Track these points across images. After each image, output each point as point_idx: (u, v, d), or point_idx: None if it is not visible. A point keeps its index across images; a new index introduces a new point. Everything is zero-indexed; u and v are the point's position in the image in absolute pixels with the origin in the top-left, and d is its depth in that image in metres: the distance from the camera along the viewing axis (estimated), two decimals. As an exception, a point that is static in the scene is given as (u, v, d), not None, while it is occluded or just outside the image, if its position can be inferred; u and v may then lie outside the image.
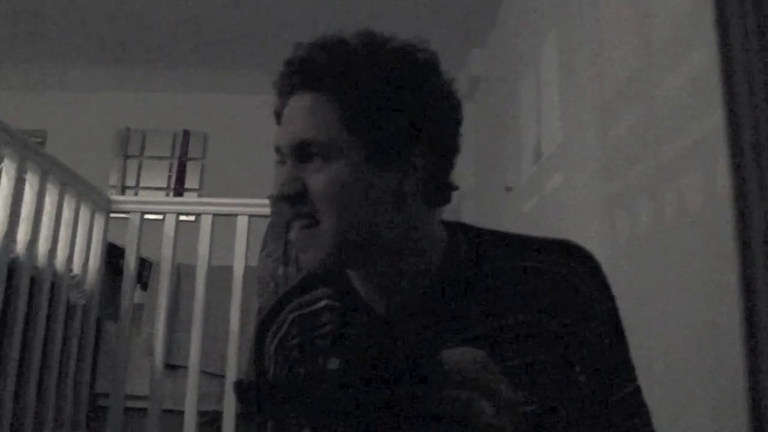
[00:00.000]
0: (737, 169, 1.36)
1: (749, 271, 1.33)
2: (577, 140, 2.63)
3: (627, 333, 0.93)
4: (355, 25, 0.93)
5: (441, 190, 0.94)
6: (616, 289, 0.94)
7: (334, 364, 0.68)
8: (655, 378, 1.71)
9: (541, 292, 0.90)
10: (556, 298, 0.89)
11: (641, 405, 0.91)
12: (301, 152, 0.88)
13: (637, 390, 0.92)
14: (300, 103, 0.89)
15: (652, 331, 1.80)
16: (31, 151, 2.51)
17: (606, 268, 0.94)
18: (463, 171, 0.96)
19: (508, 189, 3.64)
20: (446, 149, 0.93)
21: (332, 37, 0.91)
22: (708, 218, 1.55)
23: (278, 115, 0.94)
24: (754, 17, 1.33)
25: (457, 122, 0.95)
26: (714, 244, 1.49)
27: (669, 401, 1.67)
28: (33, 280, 2.54)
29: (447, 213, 0.98)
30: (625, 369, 0.92)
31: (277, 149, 0.92)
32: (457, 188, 0.94)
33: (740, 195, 1.36)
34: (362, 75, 0.87)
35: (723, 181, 1.41)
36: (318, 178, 0.87)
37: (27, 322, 2.49)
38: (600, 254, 0.95)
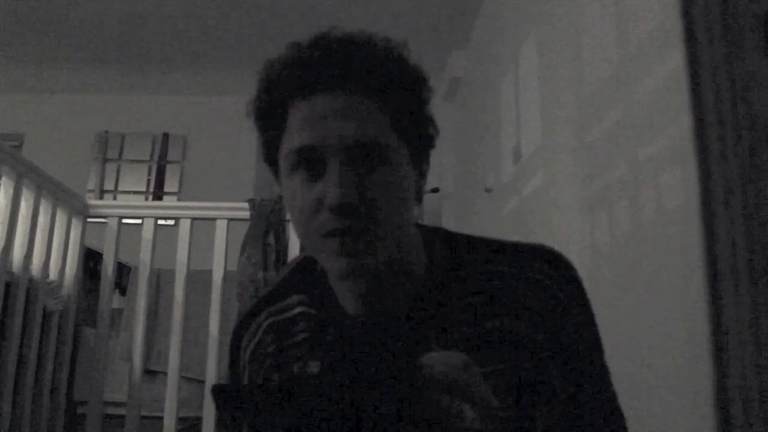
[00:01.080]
0: (704, 170, 1.38)
1: (714, 270, 1.35)
2: (556, 141, 2.63)
3: (605, 335, 0.93)
4: (334, 27, 0.90)
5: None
6: (594, 290, 0.94)
7: (314, 368, 0.67)
8: (632, 377, 1.72)
9: (518, 298, 0.90)
10: (532, 305, 0.89)
11: (616, 410, 0.92)
12: (355, 155, 0.82)
13: (613, 396, 0.92)
14: (339, 102, 0.83)
15: (629, 332, 1.81)
16: (5, 154, 2.48)
17: (584, 270, 0.94)
18: (444, 173, 0.95)
19: (488, 190, 3.65)
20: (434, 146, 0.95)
21: (358, 36, 0.87)
22: (684, 217, 1.55)
23: (270, 112, 0.88)
24: (720, 20, 1.34)
25: None
26: (690, 243, 1.50)
27: (642, 399, 1.67)
28: (8, 286, 2.51)
29: (428, 214, 0.98)
30: (601, 375, 0.92)
31: (310, 149, 0.83)
32: (438, 190, 0.94)
33: (706, 197, 1.38)
34: (400, 79, 0.86)
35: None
36: (380, 185, 0.83)
37: (2, 329, 2.45)
38: (579, 255, 0.96)
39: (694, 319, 1.48)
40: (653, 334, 1.72)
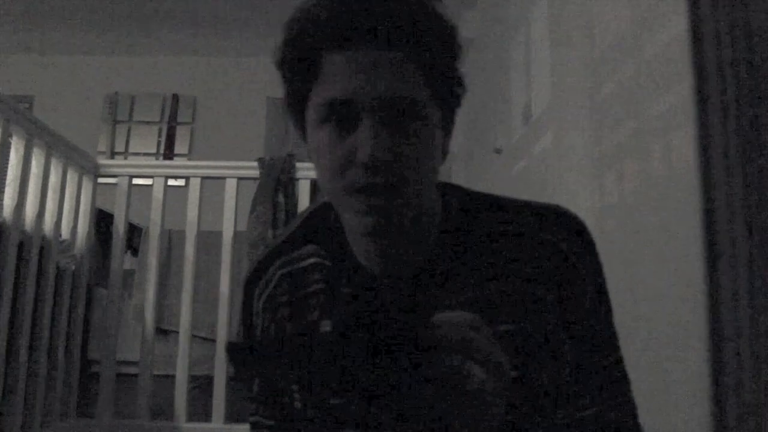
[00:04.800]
0: (703, 131, 1.38)
1: (711, 229, 1.36)
2: (567, 101, 2.62)
3: (611, 293, 0.93)
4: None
5: None
6: (602, 248, 0.93)
7: (326, 326, 0.68)
8: (636, 337, 1.73)
9: (531, 259, 0.89)
10: (545, 266, 0.89)
11: (623, 374, 0.92)
12: (390, 111, 0.81)
13: (620, 360, 0.92)
14: (374, 57, 0.80)
15: (636, 289, 1.81)
16: (16, 114, 2.48)
17: (593, 228, 0.94)
18: (454, 133, 0.95)
19: (498, 151, 3.64)
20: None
21: None
22: (693, 175, 1.55)
23: (301, 63, 0.85)
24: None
25: None
26: (696, 200, 1.50)
27: (645, 361, 1.69)
28: (21, 245, 2.53)
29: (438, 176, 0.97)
30: (609, 338, 0.92)
31: (343, 102, 0.81)
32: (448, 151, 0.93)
33: (705, 159, 1.39)
34: (435, 37, 0.84)
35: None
36: (413, 143, 0.82)
37: (16, 288, 2.48)
38: (588, 214, 0.95)
39: (694, 276, 1.48)
40: (659, 291, 1.73)
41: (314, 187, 3.13)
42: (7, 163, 2.50)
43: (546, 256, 0.89)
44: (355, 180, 0.81)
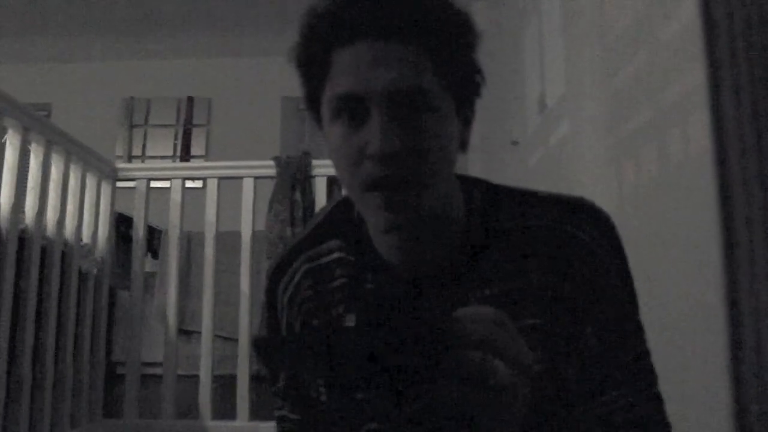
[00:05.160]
0: (717, 117, 1.37)
1: (728, 214, 1.35)
2: (582, 89, 2.61)
3: (636, 285, 0.92)
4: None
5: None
6: (623, 240, 0.92)
7: (350, 321, 0.68)
8: (657, 326, 1.72)
9: (557, 253, 0.89)
10: (571, 261, 0.88)
11: (649, 368, 0.91)
12: (400, 103, 0.80)
13: (646, 353, 0.91)
14: (381, 50, 0.80)
15: (655, 279, 1.80)
16: (34, 121, 2.51)
17: (613, 219, 0.93)
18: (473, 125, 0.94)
19: (515, 143, 3.62)
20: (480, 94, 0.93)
21: None
22: (710, 162, 1.54)
23: (313, 59, 0.86)
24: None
25: None
26: (715, 189, 1.49)
27: (668, 353, 1.68)
28: (44, 250, 2.56)
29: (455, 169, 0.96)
30: (635, 332, 0.91)
31: (353, 97, 0.81)
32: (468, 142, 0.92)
33: (720, 144, 1.38)
34: (444, 27, 0.83)
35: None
36: (425, 134, 0.81)
37: (40, 293, 2.51)
38: (606, 204, 0.95)
39: (713, 263, 1.47)
40: (677, 279, 1.72)
41: (330, 184, 3.14)
42: (28, 171, 2.53)
43: (571, 250, 0.89)
44: (369, 174, 0.81)
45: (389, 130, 0.79)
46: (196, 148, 6.12)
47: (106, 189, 3.15)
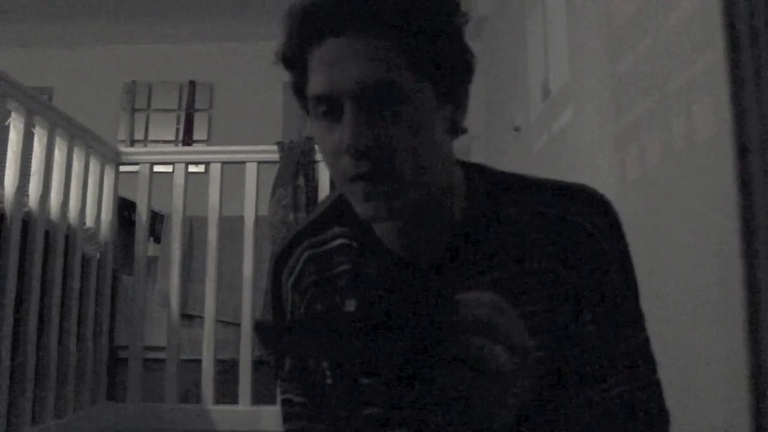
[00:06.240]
0: (737, 100, 1.36)
1: (747, 204, 1.34)
2: (585, 75, 2.60)
3: (638, 273, 0.92)
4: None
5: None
6: (626, 227, 0.93)
7: (351, 306, 0.69)
8: (662, 314, 1.73)
9: (558, 240, 0.90)
10: (572, 248, 0.89)
11: (648, 355, 0.91)
12: (369, 97, 0.81)
13: (646, 340, 0.92)
14: (350, 46, 0.81)
15: (660, 267, 1.81)
16: (38, 104, 2.51)
17: (616, 206, 0.94)
18: (472, 112, 0.93)
19: (517, 129, 3.62)
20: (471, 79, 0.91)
21: None
22: (716, 149, 1.53)
23: (292, 60, 0.87)
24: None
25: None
26: (722, 174, 1.49)
27: (672, 338, 1.68)
28: (47, 234, 2.56)
29: (456, 156, 0.97)
30: (635, 319, 0.92)
31: (326, 96, 0.83)
32: (466, 130, 0.92)
33: (741, 130, 1.36)
34: (416, 15, 0.82)
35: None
36: (398, 126, 0.81)
37: (44, 275, 2.52)
38: (610, 191, 0.95)
39: (726, 253, 1.47)
40: (685, 269, 1.72)
41: (334, 169, 3.13)
42: (31, 154, 2.53)
43: (572, 237, 0.89)
44: (347, 168, 0.82)
45: (360, 125, 0.80)
46: (199, 133, 6.11)
47: (109, 173, 3.15)
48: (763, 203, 1.34)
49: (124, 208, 3.55)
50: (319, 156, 3.17)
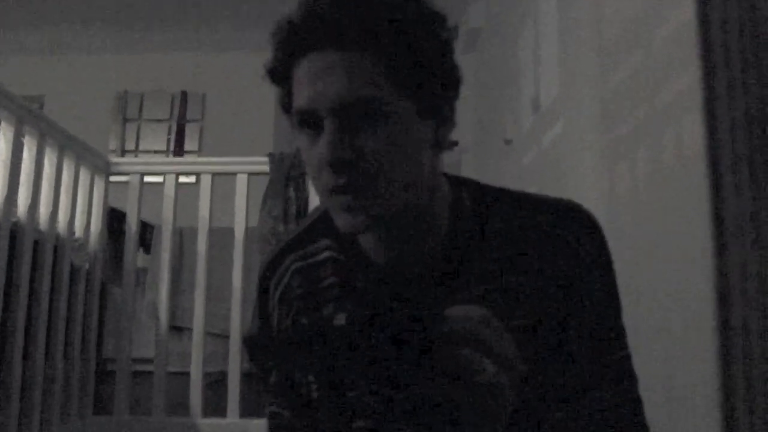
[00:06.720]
0: (710, 119, 1.38)
1: (719, 216, 1.36)
2: (576, 90, 2.61)
3: (622, 284, 0.93)
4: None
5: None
6: (612, 239, 0.94)
7: (340, 320, 0.69)
8: (647, 327, 1.73)
9: (543, 255, 0.90)
10: (556, 262, 0.90)
11: (630, 372, 0.92)
12: (349, 112, 0.81)
13: (627, 357, 0.92)
14: (331, 61, 0.82)
15: (646, 281, 1.81)
16: (28, 113, 2.50)
17: (604, 219, 0.95)
18: (463, 125, 0.93)
19: (508, 142, 3.64)
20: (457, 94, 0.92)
21: None
22: (703, 163, 1.54)
23: (277, 75, 0.89)
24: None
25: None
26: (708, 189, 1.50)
27: (657, 354, 1.68)
28: (36, 244, 2.55)
29: (447, 168, 0.97)
30: (617, 336, 0.92)
31: (307, 111, 0.84)
32: (456, 143, 0.93)
33: (713, 148, 1.38)
34: (398, 30, 0.83)
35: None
36: (377, 140, 0.82)
37: (32, 286, 2.50)
38: (599, 204, 0.95)
39: (704, 266, 1.48)
40: (671, 283, 1.72)
41: (325, 181, 3.13)
42: (21, 163, 2.52)
43: (557, 253, 0.90)
44: (327, 182, 0.83)
45: (338, 139, 0.81)
46: (190, 143, 6.11)
47: (99, 183, 3.14)
48: (732, 217, 1.35)
49: (114, 219, 3.54)
50: (309, 168, 3.17)
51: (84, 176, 3.01)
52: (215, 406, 3.00)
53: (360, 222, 0.84)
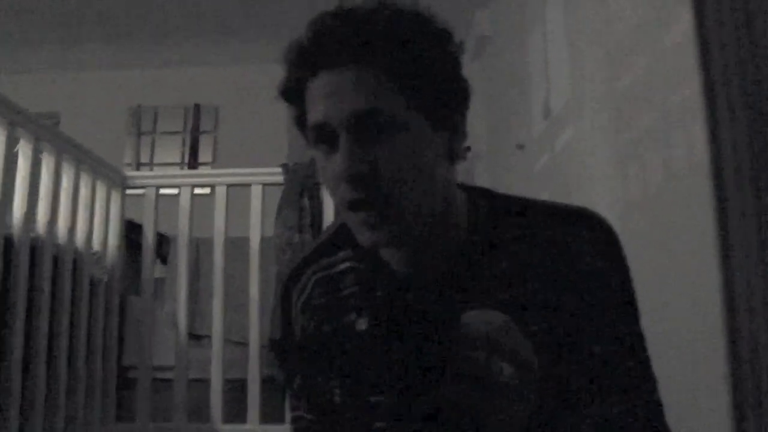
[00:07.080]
0: (712, 127, 1.39)
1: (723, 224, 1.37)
2: (586, 94, 2.63)
3: (640, 291, 0.94)
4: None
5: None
6: (628, 245, 0.94)
7: (362, 325, 0.71)
8: (661, 333, 1.74)
9: (558, 263, 0.91)
10: (572, 271, 0.91)
11: (649, 375, 0.92)
12: (363, 126, 0.84)
13: (646, 360, 0.92)
14: (342, 78, 0.84)
15: (661, 286, 1.82)
16: (45, 131, 2.55)
17: (617, 223, 0.95)
18: (475, 131, 0.95)
19: (520, 147, 3.64)
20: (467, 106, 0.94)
21: (359, 8, 0.87)
22: (706, 171, 1.55)
23: (290, 94, 0.91)
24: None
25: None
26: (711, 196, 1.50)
27: (670, 359, 1.69)
28: (55, 259, 2.59)
29: (460, 174, 0.99)
30: (636, 340, 0.92)
31: (322, 126, 0.86)
32: (469, 149, 0.95)
33: (715, 154, 1.40)
34: (406, 47, 0.85)
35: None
36: (392, 152, 0.84)
37: (53, 300, 2.54)
38: (611, 209, 0.97)
39: (713, 270, 1.48)
40: (687, 287, 1.73)
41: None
42: (39, 180, 2.56)
43: (572, 260, 0.91)
44: (344, 196, 0.86)
45: (353, 154, 0.84)
46: (204, 155, 6.16)
47: (115, 197, 3.18)
48: (736, 222, 1.36)
49: (131, 230, 3.58)
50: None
51: (101, 190, 3.05)
52: (235, 412, 3.02)
53: (381, 238, 0.87)
